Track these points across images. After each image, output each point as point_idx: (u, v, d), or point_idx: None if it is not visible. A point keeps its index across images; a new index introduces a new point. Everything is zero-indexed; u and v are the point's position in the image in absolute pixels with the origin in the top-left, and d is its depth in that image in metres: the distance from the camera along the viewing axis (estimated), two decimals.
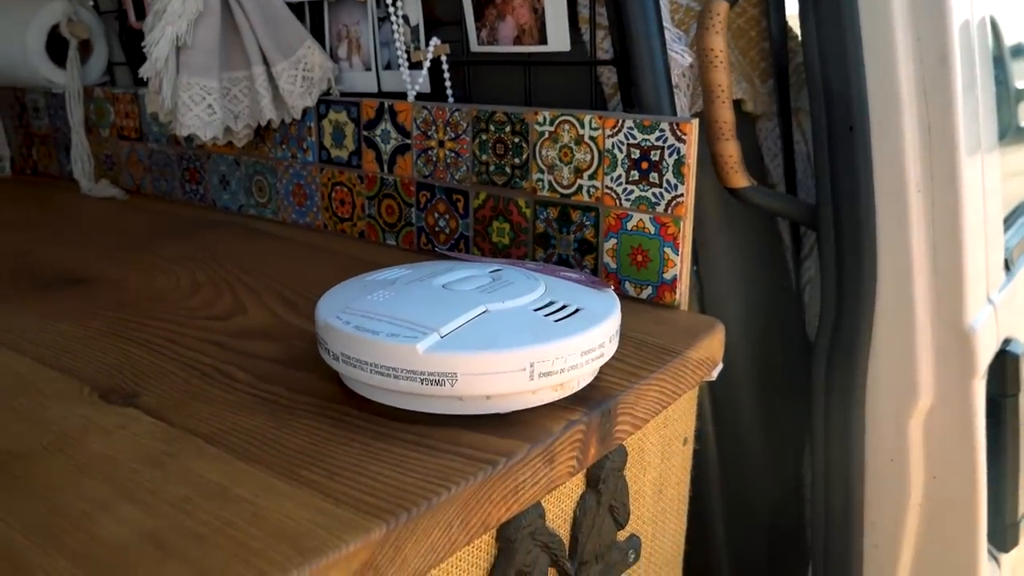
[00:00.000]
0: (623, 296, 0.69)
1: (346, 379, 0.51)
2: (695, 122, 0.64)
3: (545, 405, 0.50)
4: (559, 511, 0.54)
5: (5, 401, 0.50)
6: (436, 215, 0.81)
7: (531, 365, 0.46)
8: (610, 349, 0.52)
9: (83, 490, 0.40)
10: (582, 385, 0.52)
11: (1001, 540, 0.81)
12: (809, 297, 0.84)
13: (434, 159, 0.80)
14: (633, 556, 0.63)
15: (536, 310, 0.51)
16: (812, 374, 0.75)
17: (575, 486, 0.55)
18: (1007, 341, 0.79)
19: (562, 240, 0.73)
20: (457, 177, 0.79)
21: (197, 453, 0.44)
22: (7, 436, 0.46)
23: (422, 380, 0.46)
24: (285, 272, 0.78)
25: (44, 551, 0.35)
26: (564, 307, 0.52)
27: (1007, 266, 0.84)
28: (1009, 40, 1.61)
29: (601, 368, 0.54)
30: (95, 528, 0.37)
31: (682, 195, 0.65)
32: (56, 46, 1.20)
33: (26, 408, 0.49)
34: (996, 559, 0.82)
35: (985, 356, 0.72)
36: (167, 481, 0.41)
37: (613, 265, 0.70)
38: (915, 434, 0.73)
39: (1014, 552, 0.85)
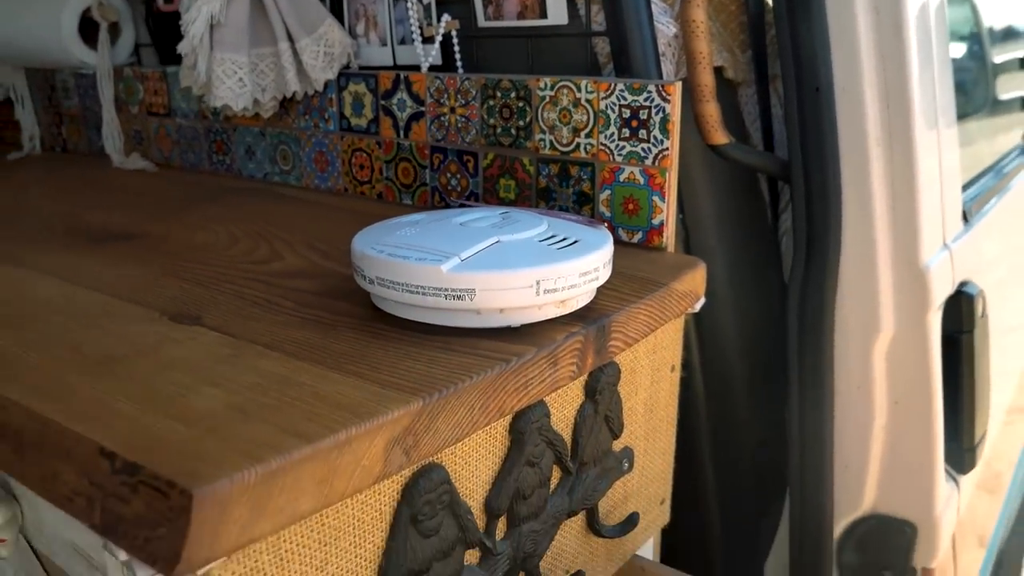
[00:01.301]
0: (617, 241, 0.78)
1: (378, 300, 0.60)
2: (679, 84, 0.73)
3: (550, 320, 0.58)
4: (562, 416, 0.63)
5: (93, 323, 0.59)
6: (448, 175, 0.90)
7: (537, 283, 0.55)
8: (604, 274, 0.60)
9: (171, 379, 0.49)
10: (581, 304, 0.60)
11: (959, 463, 0.90)
12: (786, 247, 0.92)
13: (446, 124, 0.88)
14: (627, 465, 0.72)
15: (540, 241, 0.60)
16: (787, 311, 0.84)
17: (575, 396, 0.64)
18: (963, 283, 0.88)
19: (562, 193, 0.81)
20: (467, 140, 0.87)
21: (259, 355, 0.53)
22: (101, 346, 0.54)
23: (445, 296, 0.55)
24: (312, 228, 0.87)
25: (152, 416, 0.44)
26: (564, 239, 0.60)
27: (965, 218, 0.93)
28: (995, 22, 1.69)
29: (597, 293, 0.63)
30: (187, 401, 0.46)
31: (667, 149, 0.73)
32: (87, 29, 1.28)
33: (111, 328, 0.58)
34: (955, 480, 0.91)
35: (939, 293, 0.81)
36: (238, 373, 0.50)
37: (608, 214, 0.78)
38: (879, 363, 0.82)
39: (972, 475, 0.94)
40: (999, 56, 1.74)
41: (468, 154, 0.88)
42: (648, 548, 0.83)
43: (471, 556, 0.57)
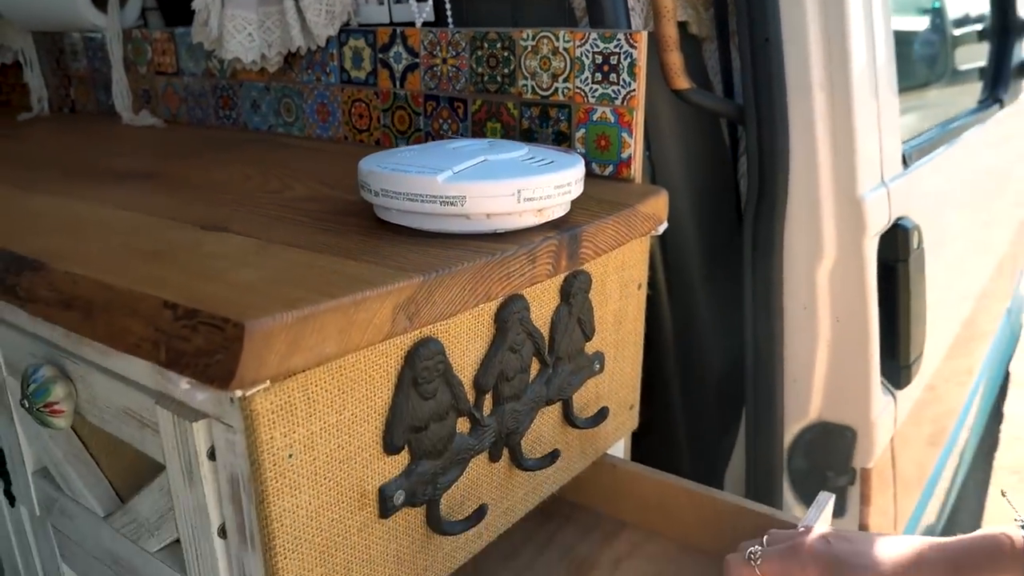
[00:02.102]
0: (591, 174, 0.87)
1: (381, 211, 0.70)
2: (645, 33, 0.82)
3: (530, 228, 0.68)
4: (540, 315, 0.73)
5: (135, 232, 0.69)
6: (440, 120, 0.99)
7: (518, 191, 0.65)
8: (576, 189, 0.70)
9: (211, 264, 0.58)
10: (557, 215, 0.70)
11: (896, 379, 1.01)
12: (744, 187, 1.03)
13: (438, 74, 0.98)
14: (599, 367, 0.82)
15: (522, 160, 0.70)
16: (743, 241, 0.94)
17: (552, 298, 0.74)
18: (900, 218, 0.98)
19: (542, 134, 0.91)
20: (458, 88, 0.97)
21: (283, 250, 0.62)
22: (147, 244, 0.64)
23: (440, 202, 0.65)
24: (317, 168, 0.97)
25: (201, 283, 0.53)
26: (543, 159, 0.70)
27: (905, 162, 1.03)
28: None
29: (571, 209, 0.73)
30: (228, 276, 0.55)
31: (635, 90, 0.83)
32: None
33: (152, 234, 0.68)
34: (892, 394, 1.02)
35: (875, 223, 0.91)
36: (267, 259, 0.60)
37: (582, 150, 0.88)
38: (822, 285, 0.92)
39: (910, 390, 1.05)
40: (958, 29, 1.85)
41: (458, 101, 0.97)
42: (619, 449, 0.93)
43: (462, 425, 0.67)
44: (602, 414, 0.82)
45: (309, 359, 0.50)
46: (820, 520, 0.75)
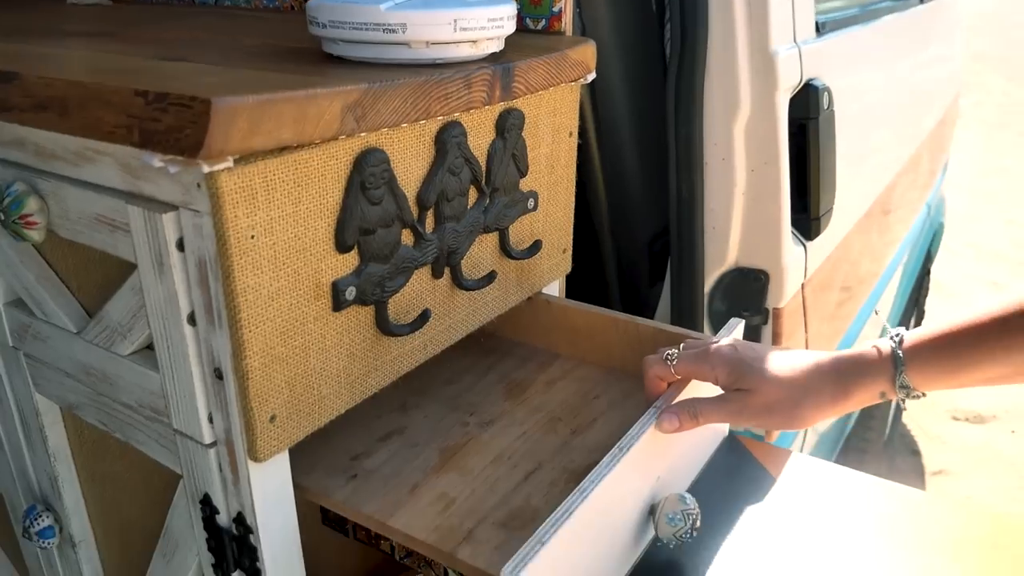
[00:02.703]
0: (524, 29, 0.94)
1: (328, 45, 0.75)
2: None
3: (466, 60, 0.75)
4: (477, 145, 0.79)
5: (102, 60, 0.73)
6: None
7: (455, 21, 0.71)
8: (509, 26, 0.77)
9: (174, 74, 0.64)
10: (490, 50, 0.77)
11: (806, 230, 1.10)
12: (669, 51, 1.10)
13: None
14: (533, 203, 0.90)
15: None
16: (666, 94, 1.01)
17: (487, 132, 0.80)
18: (812, 79, 1.07)
19: None
20: None
21: (240, 71, 0.68)
22: (113, 65, 0.69)
23: (383, 30, 0.71)
24: (266, 29, 1.01)
25: (169, 83, 0.59)
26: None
27: (818, 29, 1.11)
28: None
29: (505, 50, 0.79)
30: (192, 80, 0.61)
31: None
32: None
33: (117, 62, 0.72)
34: (803, 244, 1.12)
35: (786, 79, 0.99)
36: (226, 74, 0.65)
37: (517, 6, 0.94)
38: (738, 137, 1.00)
39: (820, 244, 1.15)
40: None
41: None
42: (554, 288, 1.02)
43: (407, 237, 0.74)
44: (536, 246, 0.90)
45: (268, 142, 0.56)
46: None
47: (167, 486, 0.79)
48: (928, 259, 2.64)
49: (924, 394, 0.69)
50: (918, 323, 2.79)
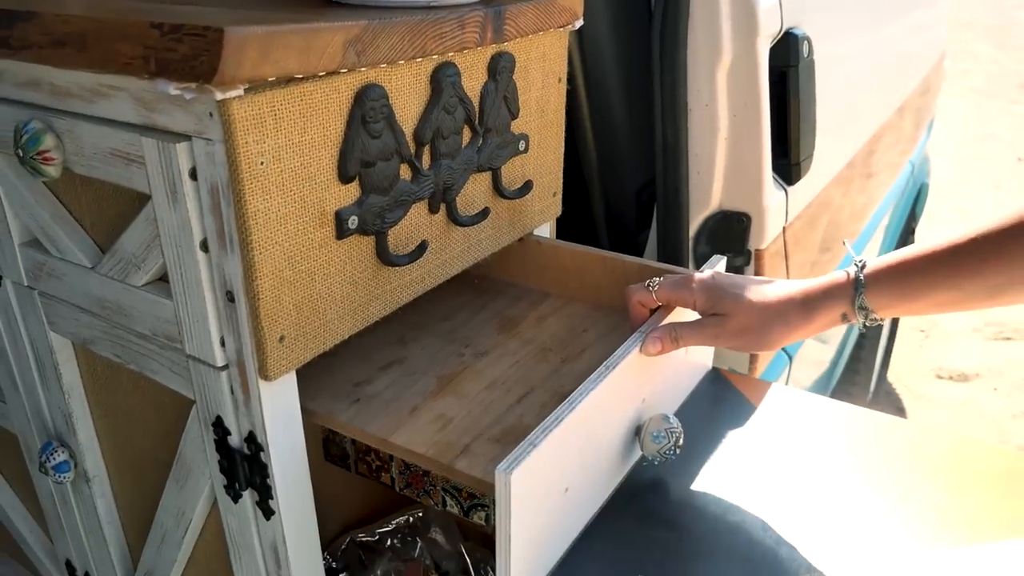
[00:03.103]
0: None
1: None
2: None
3: (460, 3, 0.78)
4: (470, 87, 0.83)
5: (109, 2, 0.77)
6: None
7: None
8: None
9: (183, 11, 0.68)
10: None
11: (787, 175, 1.15)
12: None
13: None
14: (524, 145, 0.94)
15: None
16: (651, 44, 1.05)
17: (480, 73, 0.84)
18: (791, 28, 1.10)
19: None
20: None
21: (246, 12, 0.72)
22: (124, 5, 0.72)
23: None
24: None
25: (181, 16, 0.63)
26: None
27: None
28: None
29: None
30: (202, 16, 0.65)
31: None
32: None
33: (125, 2, 0.76)
34: (784, 188, 1.16)
35: (766, 26, 1.03)
36: (234, 10, 0.69)
37: None
38: (721, 83, 1.05)
39: (801, 189, 1.20)
40: None
41: None
42: (545, 232, 1.06)
43: (405, 172, 0.78)
44: (527, 186, 0.94)
45: (275, 71, 0.60)
46: None
47: (178, 417, 0.84)
48: (912, 218, 2.69)
49: (881, 320, 0.73)
50: None
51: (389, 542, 1.20)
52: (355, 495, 1.22)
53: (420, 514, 1.23)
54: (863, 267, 0.73)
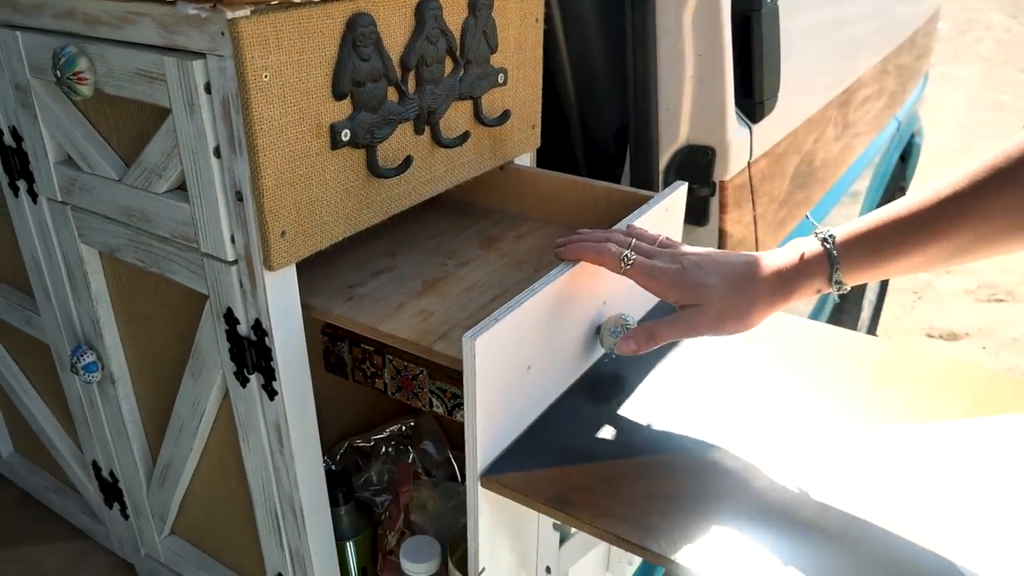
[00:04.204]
0: None
1: None
2: None
3: None
4: (452, 21, 0.94)
5: None
6: None
7: None
8: None
9: None
10: None
11: (751, 112, 1.24)
12: None
13: None
14: (503, 78, 1.04)
15: None
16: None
17: (461, 10, 0.94)
18: None
19: None
20: None
21: None
22: None
23: None
24: None
25: None
26: None
27: None
28: None
29: None
30: None
31: None
32: None
33: None
34: (748, 126, 1.26)
35: None
36: None
37: None
38: (687, 24, 1.14)
39: (765, 127, 1.29)
40: None
41: None
42: (525, 160, 1.17)
43: (393, 95, 0.89)
44: (506, 115, 1.05)
45: None
46: (672, 197, 0.99)
47: (193, 317, 0.95)
48: (903, 177, 2.77)
49: (848, 286, 0.73)
50: None
51: (384, 449, 1.32)
52: (353, 407, 1.34)
53: (412, 424, 1.35)
54: (833, 240, 0.73)
